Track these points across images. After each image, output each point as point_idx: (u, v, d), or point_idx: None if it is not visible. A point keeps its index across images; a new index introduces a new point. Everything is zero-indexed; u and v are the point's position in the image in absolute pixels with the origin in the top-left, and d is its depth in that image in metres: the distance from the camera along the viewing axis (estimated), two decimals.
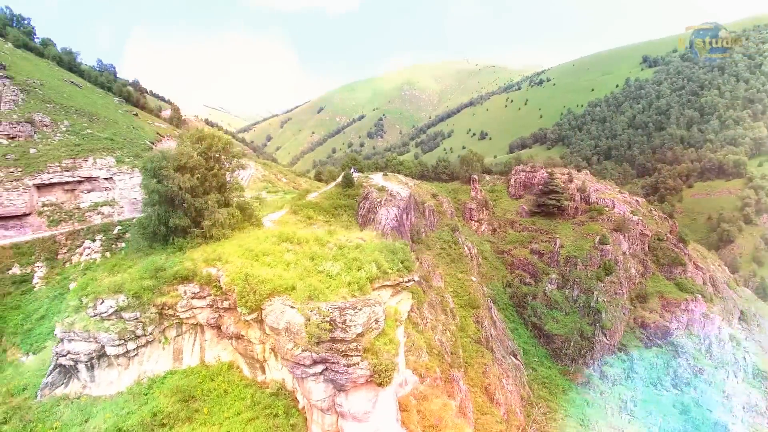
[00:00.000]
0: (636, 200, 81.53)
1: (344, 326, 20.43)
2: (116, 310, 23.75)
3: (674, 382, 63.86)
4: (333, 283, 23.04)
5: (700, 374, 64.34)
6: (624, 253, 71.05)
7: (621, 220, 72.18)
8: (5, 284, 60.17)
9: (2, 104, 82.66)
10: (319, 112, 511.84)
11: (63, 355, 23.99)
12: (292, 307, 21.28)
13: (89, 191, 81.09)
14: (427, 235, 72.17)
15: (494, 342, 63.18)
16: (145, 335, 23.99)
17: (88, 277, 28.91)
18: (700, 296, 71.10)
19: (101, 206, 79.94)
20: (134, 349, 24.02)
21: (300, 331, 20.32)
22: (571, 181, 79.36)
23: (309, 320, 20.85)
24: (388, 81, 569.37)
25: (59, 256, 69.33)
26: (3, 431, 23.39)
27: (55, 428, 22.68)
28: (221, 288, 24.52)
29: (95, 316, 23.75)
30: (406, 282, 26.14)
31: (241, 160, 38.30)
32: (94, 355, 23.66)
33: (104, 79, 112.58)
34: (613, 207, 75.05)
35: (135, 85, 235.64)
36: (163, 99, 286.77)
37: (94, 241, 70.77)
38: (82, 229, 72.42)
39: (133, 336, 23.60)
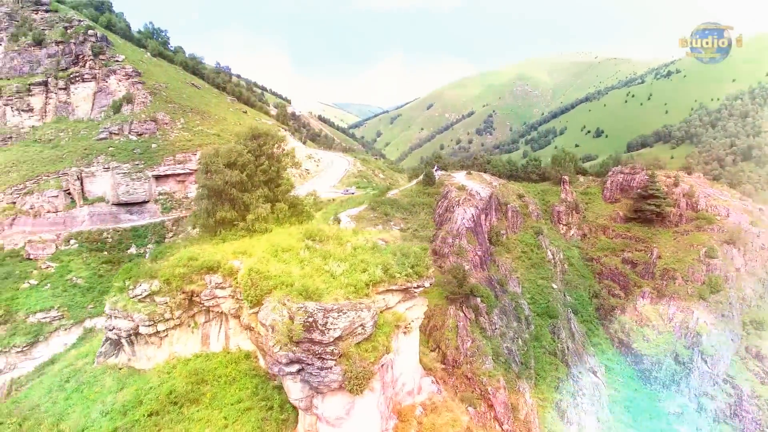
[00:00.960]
0: (759, 209, 70.07)
1: (323, 328, 20.22)
2: (149, 294, 26.41)
3: None
4: (334, 284, 23.03)
5: None
6: (737, 270, 61.76)
7: (735, 231, 62.59)
8: (125, 261, 68.57)
9: (135, 106, 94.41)
10: (428, 109, 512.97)
11: (110, 330, 27.34)
12: (284, 304, 21.72)
13: (196, 182, 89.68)
14: (507, 237, 69.26)
15: (571, 356, 58.93)
16: (173, 319, 26.37)
17: (134, 262, 32.44)
18: None
19: None
20: (164, 331, 26.55)
21: (281, 329, 20.69)
22: (676, 185, 70.61)
23: (292, 319, 21.06)
24: (500, 76, 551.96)
25: (166, 240, 78.02)
26: (65, 388, 27.44)
27: (97, 392, 26.01)
28: (238, 280, 25.69)
29: (133, 297, 26.64)
30: (414, 288, 25.12)
31: (295, 158, 39.67)
32: (131, 332, 26.61)
33: (220, 80, 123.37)
34: (727, 215, 65.34)
35: (248, 84, 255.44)
36: (281, 97, 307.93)
37: (194, 228, 78.30)
38: (186, 216, 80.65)
39: (162, 318, 26.08)
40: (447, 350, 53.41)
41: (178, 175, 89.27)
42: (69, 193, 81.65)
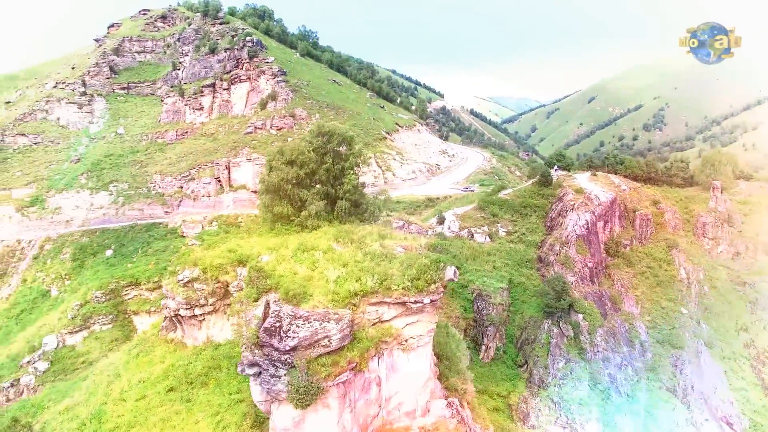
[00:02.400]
0: None
1: (284, 335, 19.63)
2: (189, 280, 29.06)
3: None
4: (324, 290, 22.33)
5: None
6: None
7: None
8: None
9: (278, 102, 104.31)
10: (589, 102, 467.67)
11: (165, 308, 30.89)
12: (267, 305, 21.81)
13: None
14: (631, 248, 60.50)
15: (695, 396, 49.32)
16: (207, 305, 28.62)
17: (189, 249, 35.64)
18: None
19: None
20: (201, 315, 29.01)
21: (250, 330, 20.71)
22: None
23: (263, 321, 20.90)
24: (675, 63, 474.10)
25: None
26: (132, 353, 32.00)
27: (146, 361, 29.70)
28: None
29: (179, 281, 29.61)
30: (412, 303, 22.87)
31: (364, 155, 39.57)
32: (177, 313, 29.63)
33: (361, 77, 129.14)
34: None
35: (405, 79, 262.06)
36: (434, 91, 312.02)
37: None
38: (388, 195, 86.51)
39: (198, 303, 28.52)
40: (534, 368, 49.11)
41: None
42: (219, 181, 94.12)
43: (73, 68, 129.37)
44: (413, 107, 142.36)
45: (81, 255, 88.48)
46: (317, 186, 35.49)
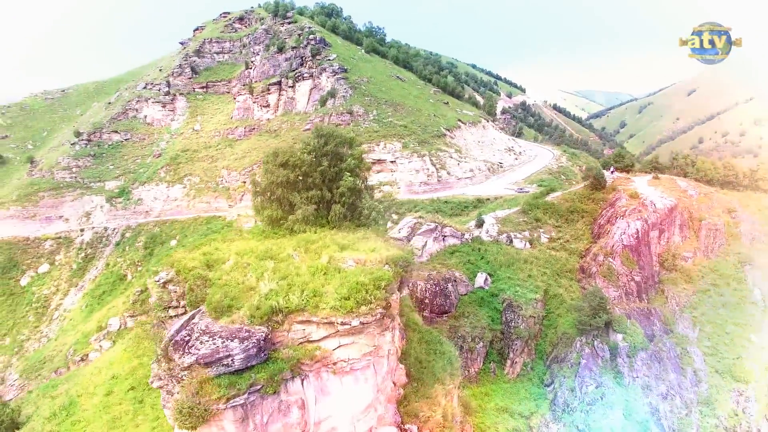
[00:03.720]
0: None
1: (185, 351, 18.66)
2: (165, 281, 29.42)
3: None
4: (250, 304, 21.01)
5: None
6: None
7: None
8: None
9: (336, 99, 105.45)
10: (689, 95, 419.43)
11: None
12: (192, 317, 20.99)
13: (379, 172, 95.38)
14: (694, 262, 53.24)
15: None
16: (179, 306, 28.80)
17: (173, 250, 35.88)
18: None
19: (383, 185, 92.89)
20: (174, 316, 29.27)
21: (163, 342, 20.00)
22: None
23: (176, 333, 20.00)
24: None
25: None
26: (123, 346, 33.30)
27: (128, 356, 30.69)
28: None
29: (156, 282, 30.18)
30: (339, 324, 20.60)
31: (363, 160, 37.78)
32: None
33: (426, 72, 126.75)
34: None
35: (485, 73, 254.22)
36: (515, 85, 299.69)
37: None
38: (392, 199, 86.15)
39: (170, 305, 28.76)
40: (559, 389, 44.88)
41: None
42: None
43: (160, 70, 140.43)
44: (482, 103, 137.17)
45: (151, 244, 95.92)
46: (311, 189, 34.59)
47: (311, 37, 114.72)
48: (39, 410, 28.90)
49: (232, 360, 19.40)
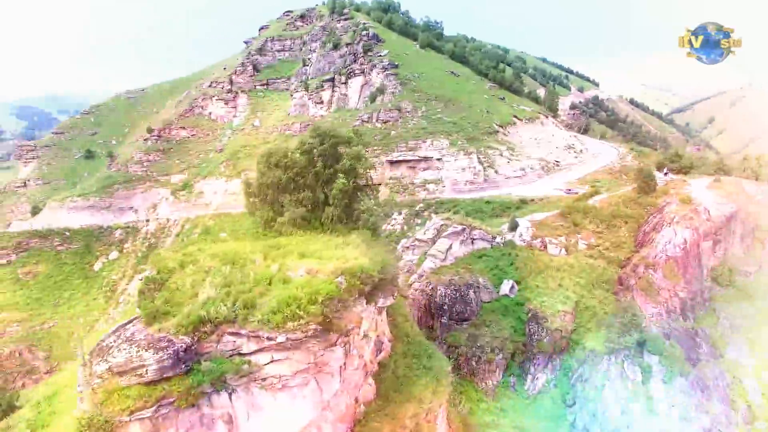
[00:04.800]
0: None
1: (102, 358, 18.13)
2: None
3: None
4: (183, 311, 20.37)
5: None
6: None
7: None
8: None
9: (386, 96, 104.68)
10: None
11: None
12: (130, 321, 20.72)
13: (425, 169, 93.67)
14: (757, 279, 46.93)
15: None
16: None
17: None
18: None
19: (429, 183, 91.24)
20: None
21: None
22: None
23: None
24: None
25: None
26: None
27: None
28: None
29: (140, 280, 30.73)
30: (266, 339, 19.08)
31: (361, 160, 36.19)
32: None
33: (483, 67, 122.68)
34: None
35: (556, 66, 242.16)
36: (587, 79, 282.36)
37: (400, 213, 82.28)
38: (395, 202, 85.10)
39: None
40: (579, 413, 41.36)
41: (409, 161, 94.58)
42: None
43: (224, 68, 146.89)
44: (543, 98, 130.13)
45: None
46: (303, 191, 33.87)
47: (364, 33, 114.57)
48: (34, 396, 30.79)
49: (145, 370, 18.86)
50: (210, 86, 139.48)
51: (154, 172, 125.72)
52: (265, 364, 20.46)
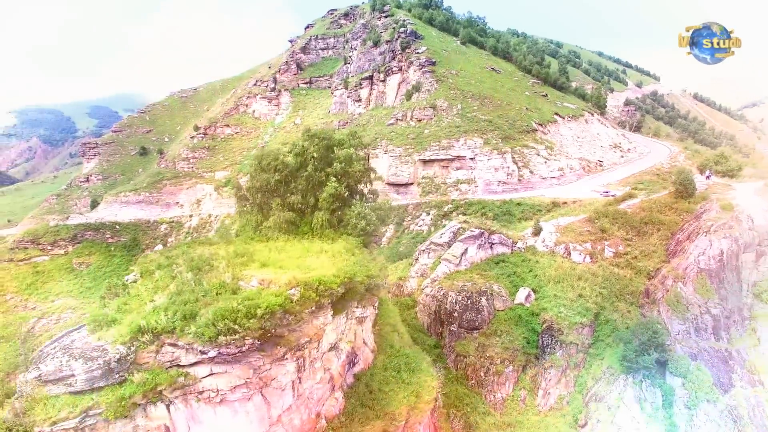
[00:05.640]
0: None
1: (36, 365, 17.59)
2: (133, 281, 30.17)
3: None
4: (127, 320, 20.06)
5: None
6: None
7: None
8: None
9: (421, 93, 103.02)
10: None
11: None
12: (75, 330, 20.61)
13: (458, 169, 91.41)
14: None
15: None
16: None
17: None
18: None
19: (461, 183, 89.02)
20: None
21: None
22: None
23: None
24: None
25: (404, 223, 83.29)
26: None
27: None
28: None
29: (126, 280, 31.11)
30: (198, 351, 18.14)
31: (354, 163, 35.03)
32: None
33: (527, 63, 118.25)
34: None
35: (612, 60, 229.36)
36: (647, 73, 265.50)
37: (428, 214, 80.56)
38: (424, 202, 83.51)
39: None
40: None
41: (442, 160, 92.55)
42: None
43: (269, 67, 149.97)
44: (588, 94, 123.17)
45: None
46: (293, 195, 33.32)
47: (402, 30, 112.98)
48: None
49: (74, 380, 18.57)
50: (255, 85, 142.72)
51: (199, 169, 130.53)
52: (204, 377, 19.97)
